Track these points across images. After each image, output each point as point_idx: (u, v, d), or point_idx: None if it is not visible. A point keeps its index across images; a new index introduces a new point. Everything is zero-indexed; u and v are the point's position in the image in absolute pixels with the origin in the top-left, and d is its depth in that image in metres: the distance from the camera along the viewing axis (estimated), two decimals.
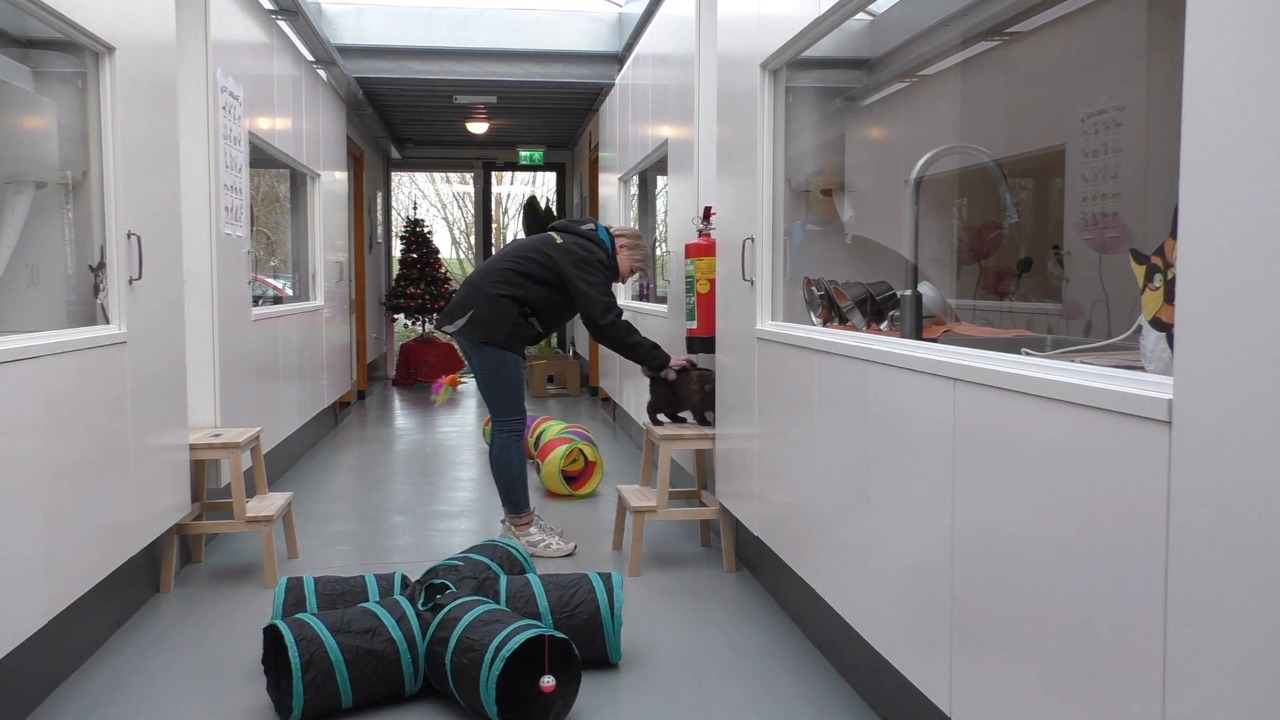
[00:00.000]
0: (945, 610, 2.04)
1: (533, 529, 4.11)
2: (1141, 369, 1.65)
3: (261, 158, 5.53)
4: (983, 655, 1.90)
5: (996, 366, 1.86)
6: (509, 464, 4.07)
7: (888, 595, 2.34)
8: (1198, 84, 1.34)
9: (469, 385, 10.60)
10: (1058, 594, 1.65)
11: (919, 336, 2.52)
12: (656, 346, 4.00)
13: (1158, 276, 1.63)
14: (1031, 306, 3.03)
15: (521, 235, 12.89)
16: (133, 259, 3.19)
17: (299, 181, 6.69)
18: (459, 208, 19.34)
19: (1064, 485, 1.64)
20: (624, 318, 3.96)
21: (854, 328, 2.94)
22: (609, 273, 4.04)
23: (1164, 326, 1.61)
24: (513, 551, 3.24)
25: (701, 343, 4.04)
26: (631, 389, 6.44)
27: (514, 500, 4.10)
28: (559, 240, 4.07)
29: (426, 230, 11.30)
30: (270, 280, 6.85)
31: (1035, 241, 3.16)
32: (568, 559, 4.04)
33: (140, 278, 3.23)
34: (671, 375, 3.99)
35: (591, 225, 4.15)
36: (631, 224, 7.20)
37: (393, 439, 7.23)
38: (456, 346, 10.82)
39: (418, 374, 10.68)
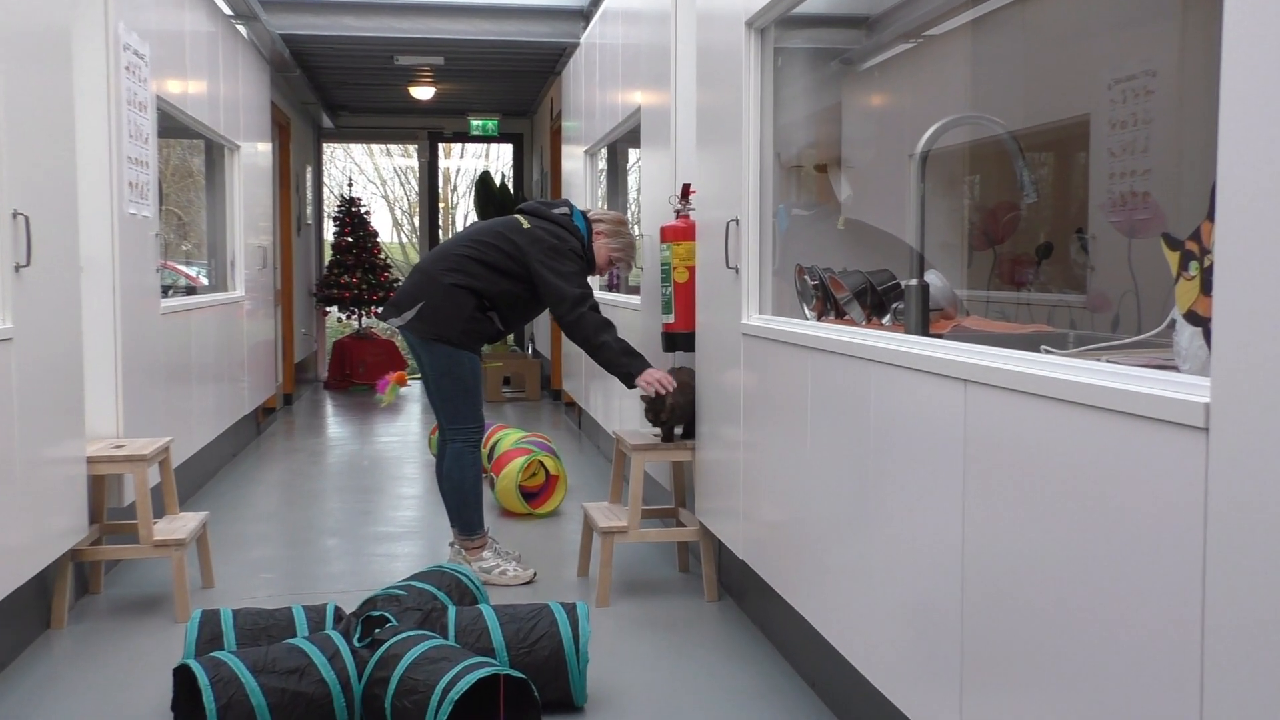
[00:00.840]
0: (955, 640, 2.06)
1: (486, 553, 4.10)
2: (1175, 369, 1.66)
3: (172, 126, 5.48)
4: (998, 690, 1.92)
5: (1012, 366, 1.87)
6: (462, 479, 4.05)
7: (890, 624, 2.35)
8: (1238, 47, 1.35)
9: (416, 386, 10.56)
10: (1082, 619, 1.66)
11: (926, 332, 2.53)
12: (631, 352, 3.87)
13: (1193, 264, 1.64)
14: (1052, 298, 3.05)
15: (474, 216, 12.86)
16: (19, 242, 3.15)
17: (216, 154, 6.64)
18: (401, 185, 19.28)
19: (1088, 499, 1.65)
20: (599, 313, 3.91)
21: (852, 322, 2.95)
22: (583, 264, 4.02)
23: (1200, 321, 1.62)
24: (463, 579, 3.23)
25: (679, 339, 4.04)
26: (599, 392, 6.44)
27: (466, 520, 4.09)
28: (526, 225, 4.04)
29: (363, 210, 11.25)
30: (182, 268, 6.78)
31: (1056, 225, 3.18)
32: (526, 587, 4.04)
33: (28, 264, 3.19)
34: (647, 391, 3.84)
35: (565, 209, 4.12)
36: (599, 204, 7.20)
37: (325, 450, 7.19)
38: (404, 342, 10.75)
39: (353, 375, 10.62)
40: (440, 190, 14.42)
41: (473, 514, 4.08)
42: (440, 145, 12.57)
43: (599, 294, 6.65)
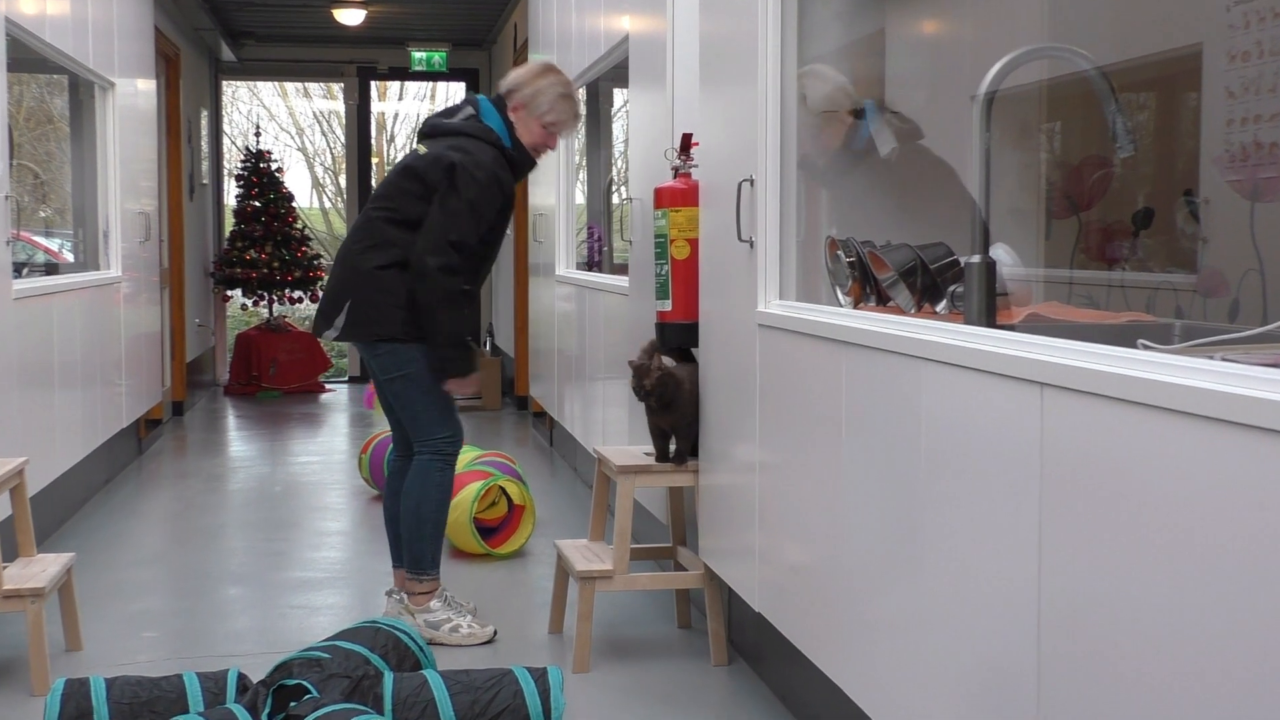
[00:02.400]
0: (1029, 712, 2.06)
1: (435, 603, 4.10)
2: None
3: (25, 58, 5.46)
4: None
5: (1102, 366, 1.88)
6: (421, 499, 4.06)
7: (947, 692, 2.35)
8: None
9: (343, 390, 10.53)
10: (1196, 687, 1.67)
11: (991, 322, 2.54)
12: (464, 345, 3.96)
13: None
14: (1153, 278, 3.06)
15: None
16: None
17: (83, 94, 6.62)
18: (323, 135, 19.26)
19: (1200, 533, 1.65)
20: (460, 277, 3.90)
21: (899, 310, 2.96)
22: (504, 183, 3.98)
23: None
24: (402, 637, 3.22)
25: (678, 333, 4.05)
26: (576, 398, 6.44)
27: (417, 553, 4.09)
28: (423, 150, 4.06)
29: (275, 167, 11.24)
30: (40, 240, 6.77)
31: (1158, 185, 3.19)
32: (484, 648, 4.05)
33: None
34: (463, 391, 4.03)
35: (468, 111, 4.09)
36: (576, 162, 7.20)
37: (226, 473, 7.18)
38: None
39: (262, 377, 10.60)
40: (373, 141, 14.41)
41: (427, 546, 4.09)
42: (373, 84, 12.56)
43: (575, 275, 6.66)
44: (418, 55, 11.24)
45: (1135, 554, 1.78)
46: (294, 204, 11.31)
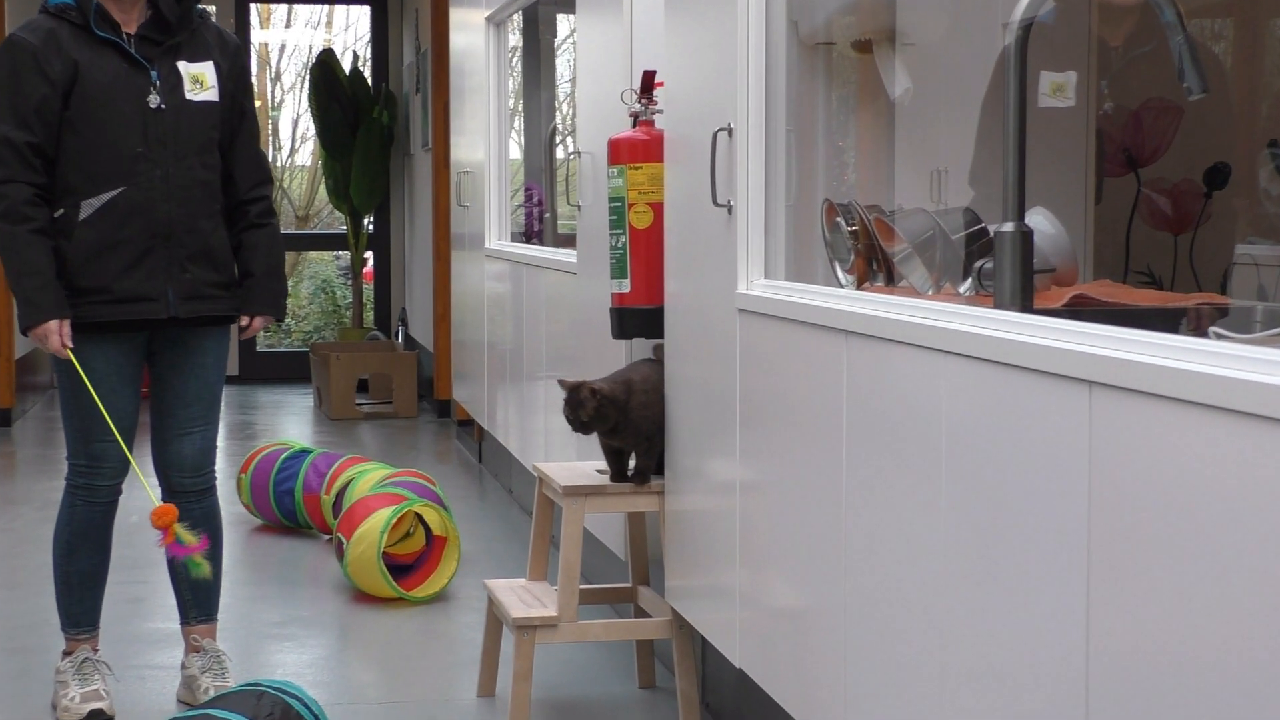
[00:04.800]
0: None
1: (64, 663, 4.11)
2: None
3: None
4: None
5: (1165, 360, 1.88)
6: (54, 540, 4.20)
7: None
8: None
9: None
10: None
11: (1029, 307, 2.55)
12: (37, 273, 3.78)
13: None
14: (1230, 250, 3.08)
15: (309, 120, 12.83)
16: None
17: None
18: None
19: None
20: (21, 206, 3.77)
21: (913, 291, 2.97)
22: (23, 49, 3.82)
23: None
24: (293, 703, 3.21)
25: (637, 319, 4.04)
26: (513, 403, 6.42)
27: (60, 607, 4.19)
28: None
29: None
30: None
31: (1237, 135, 3.21)
32: (400, 716, 4.00)
33: None
34: (44, 348, 3.85)
35: None
36: (509, 104, 7.18)
37: (58, 499, 7.09)
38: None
39: None
40: (256, 81, 14.33)
41: (64, 597, 4.18)
42: (253, 8, 12.49)
43: (509, 248, 6.64)
44: None
45: (1205, 588, 1.78)
46: None
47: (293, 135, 17.02)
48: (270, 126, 17.23)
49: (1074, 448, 2.06)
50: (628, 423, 3.86)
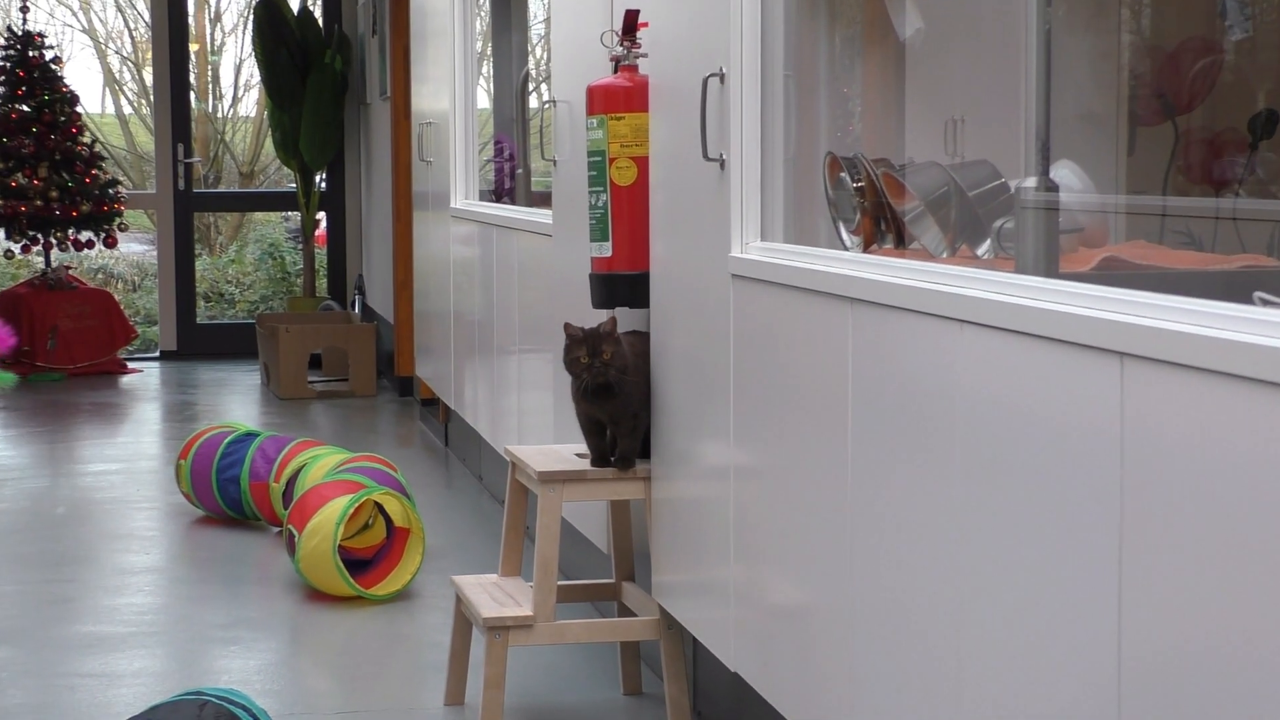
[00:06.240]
0: None
1: None
2: None
3: None
4: None
5: (1204, 329, 1.89)
6: None
7: None
8: None
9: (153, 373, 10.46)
10: None
11: (1054, 271, 2.55)
12: None
13: None
14: (1278, 208, 3.09)
15: (253, 66, 12.77)
16: None
17: None
18: (120, 13, 19.08)
19: None
20: None
21: (925, 254, 2.97)
22: None
23: None
24: (238, 713, 3.22)
25: (622, 286, 4.04)
26: (482, 380, 6.42)
27: None
28: None
29: (51, 56, 11.12)
30: None
31: None
32: None
33: None
34: None
35: None
36: (477, 47, 7.17)
37: None
38: (130, 298, 10.66)
39: (38, 353, 10.50)
40: (191, 21, 14.29)
41: None
42: None
43: (479, 208, 6.64)
44: None
45: (1254, 587, 1.79)
46: (79, 109, 11.18)
47: (235, 83, 17.01)
48: (210, 74, 17.18)
49: (1104, 426, 2.07)
50: (623, 389, 3.85)
